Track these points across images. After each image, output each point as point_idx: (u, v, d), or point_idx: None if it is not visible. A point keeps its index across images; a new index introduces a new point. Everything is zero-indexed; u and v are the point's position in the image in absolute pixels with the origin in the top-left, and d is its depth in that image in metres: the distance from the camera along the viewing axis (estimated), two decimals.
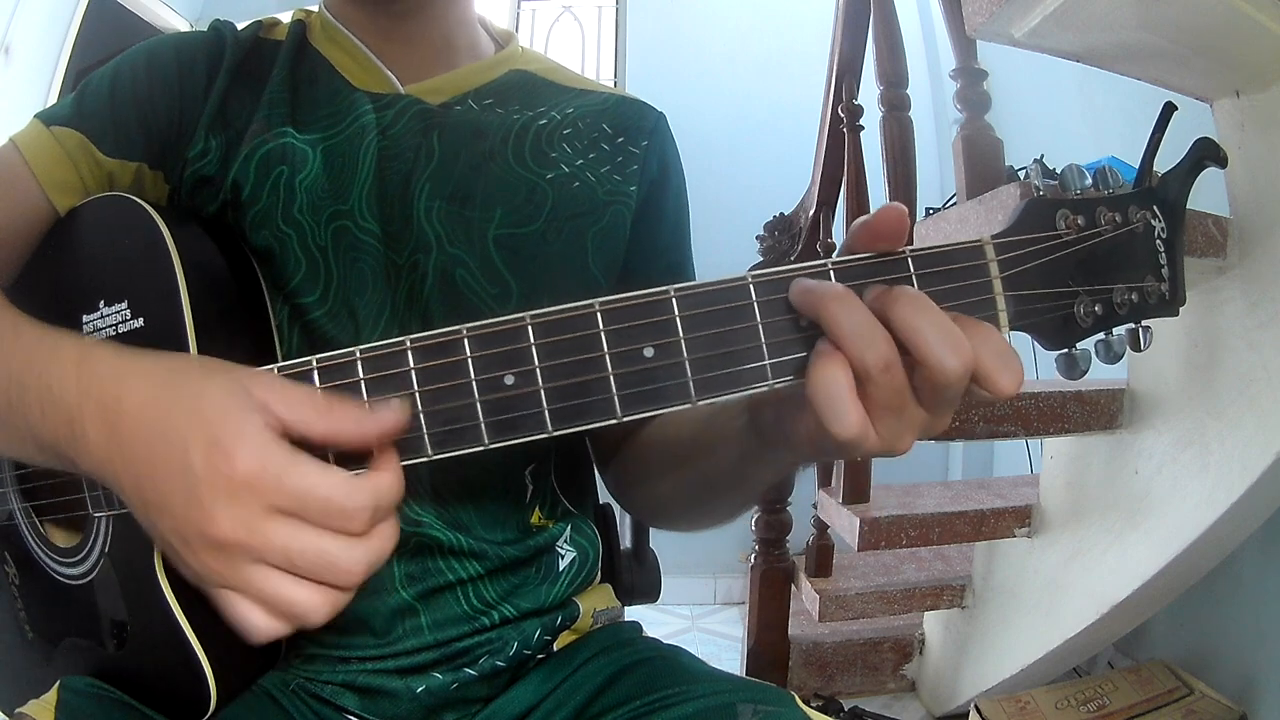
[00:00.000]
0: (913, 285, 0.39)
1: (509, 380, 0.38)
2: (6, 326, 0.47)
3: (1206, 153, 0.41)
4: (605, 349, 0.38)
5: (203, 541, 0.37)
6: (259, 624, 0.37)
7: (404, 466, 0.41)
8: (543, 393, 0.38)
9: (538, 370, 0.38)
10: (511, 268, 0.60)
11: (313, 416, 0.38)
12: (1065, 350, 0.41)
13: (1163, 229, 0.41)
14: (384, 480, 0.38)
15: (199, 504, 0.36)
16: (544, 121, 0.65)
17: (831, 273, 0.39)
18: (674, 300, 0.38)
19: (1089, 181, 0.40)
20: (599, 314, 0.38)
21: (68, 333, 0.45)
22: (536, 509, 0.64)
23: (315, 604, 0.37)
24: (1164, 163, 0.42)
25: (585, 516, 0.68)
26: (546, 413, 0.38)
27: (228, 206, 0.58)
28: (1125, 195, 0.41)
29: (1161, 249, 0.41)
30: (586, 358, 0.38)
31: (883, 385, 0.36)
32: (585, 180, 0.64)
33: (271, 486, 0.36)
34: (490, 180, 0.61)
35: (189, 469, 0.36)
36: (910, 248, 0.39)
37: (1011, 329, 0.40)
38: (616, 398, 0.38)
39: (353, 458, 0.40)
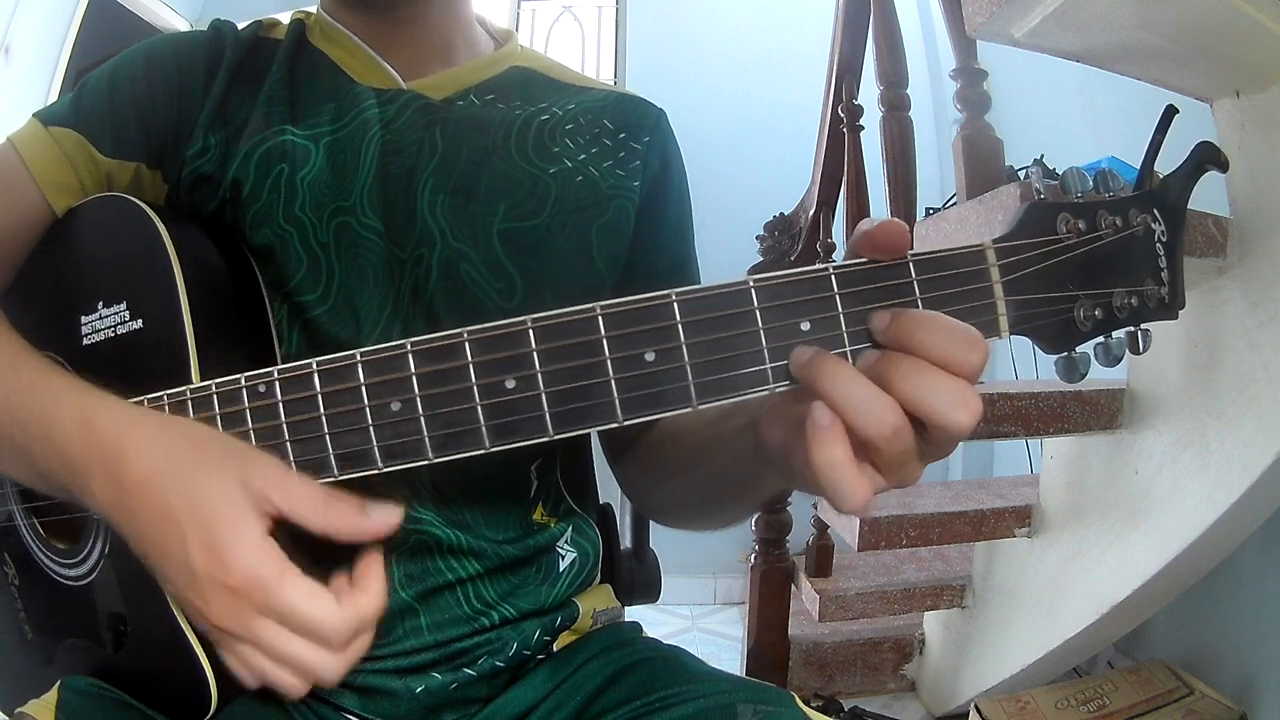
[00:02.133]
0: (914, 289, 0.39)
1: (510, 384, 0.38)
2: (5, 362, 0.48)
3: (1207, 156, 0.41)
4: (607, 353, 0.38)
5: (199, 616, 0.41)
6: (246, 679, 0.42)
7: (404, 468, 0.41)
8: (544, 396, 0.38)
9: (539, 374, 0.38)
10: (516, 262, 0.60)
11: (310, 514, 0.41)
12: (1065, 354, 0.41)
13: (1163, 232, 0.41)
14: (366, 604, 0.42)
15: (197, 592, 0.40)
16: (546, 117, 0.65)
17: (833, 277, 0.39)
18: (675, 304, 0.38)
19: (1090, 185, 0.40)
20: (600, 318, 0.38)
21: (66, 377, 0.47)
22: (540, 506, 0.64)
23: (295, 686, 0.42)
24: (1163, 163, 0.42)
25: (587, 515, 0.68)
26: (548, 416, 0.39)
27: (227, 205, 0.58)
28: (1126, 199, 0.41)
29: (1161, 252, 0.41)
30: (588, 362, 0.38)
31: (891, 450, 0.36)
32: (588, 175, 0.64)
33: (260, 599, 0.39)
34: (493, 175, 0.61)
35: (188, 564, 0.40)
36: (911, 252, 0.39)
37: (1012, 333, 0.40)
38: (618, 401, 0.38)
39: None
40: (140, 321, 0.51)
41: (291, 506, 0.41)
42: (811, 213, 1.81)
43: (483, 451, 0.39)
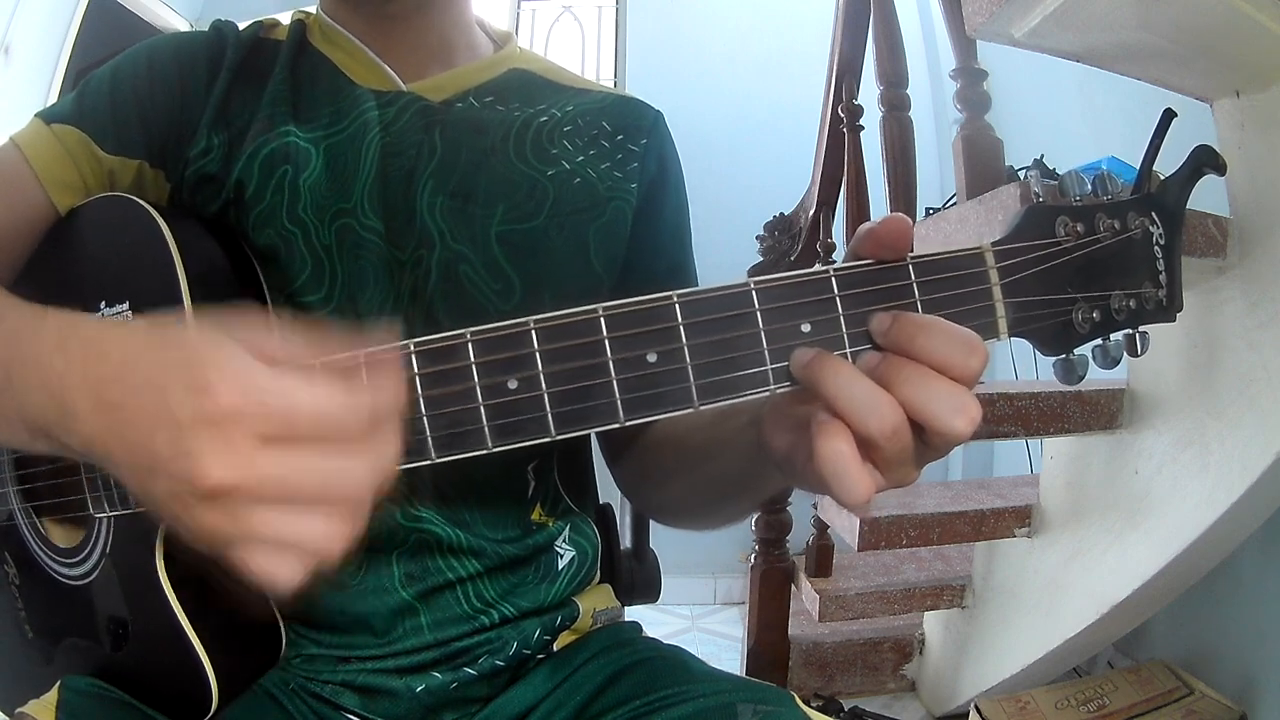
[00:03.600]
0: (914, 292, 0.39)
1: (513, 384, 0.39)
2: None
3: (1205, 159, 0.41)
4: (609, 354, 0.38)
5: (197, 495, 0.33)
6: (279, 571, 0.34)
7: (405, 468, 0.41)
8: (546, 397, 0.38)
9: (541, 375, 0.38)
10: (514, 263, 0.60)
11: (303, 351, 0.37)
12: (1063, 356, 0.41)
13: (1161, 235, 0.41)
14: (381, 387, 0.36)
15: (186, 453, 0.33)
16: (544, 119, 0.65)
17: (834, 279, 0.39)
18: (677, 306, 0.38)
19: (1088, 187, 0.41)
20: (602, 319, 0.38)
21: (54, 310, 0.42)
22: (538, 506, 0.64)
23: (327, 532, 0.34)
24: (1163, 162, 0.42)
25: (585, 515, 0.69)
26: (550, 416, 0.39)
27: (230, 205, 0.59)
28: (1124, 202, 0.41)
29: (1159, 255, 0.41)
30: (590, 363, 0.38)
31: (890, 449, 0.36)
32: (586, 177, 0.64)
33: (256, 413, 0.33)
34: (492, 176, 0.61)
35: (171, 415, 0.33)
36: (911, 255, 0.39)
37: (1010, 335, 0.40)
38: (620, 402, 0.38)
39: None
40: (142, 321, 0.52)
41: (282, 349, 0.36)
42: (811, 213, 1.81)
43: (485, 452, 0.39)
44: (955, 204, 1.54)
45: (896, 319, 0.38)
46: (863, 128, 1.71)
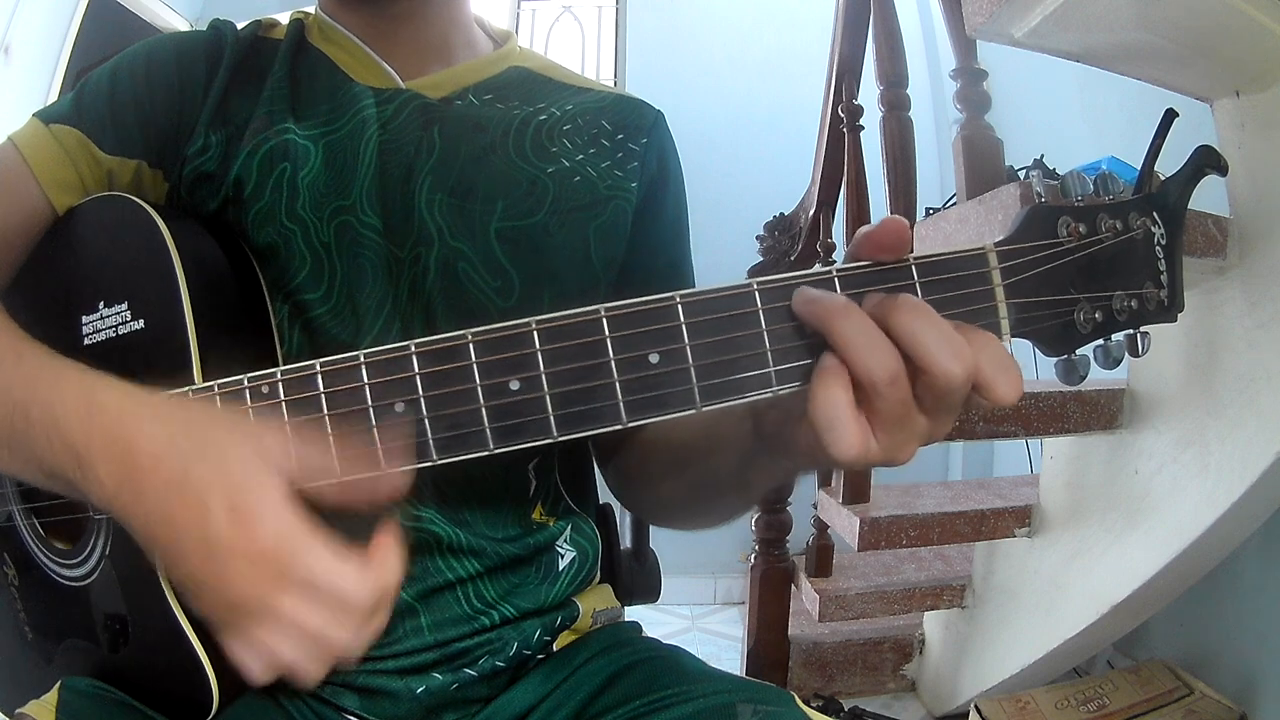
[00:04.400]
0: (916, 293, 0.39)
1: (514, 385, 0.38)
2: (6, 349, 0.47)
3: (1207, 160, 0.41)
4: (611, 355, 0.38)
5: (215, 595, 0.39)
6: (254, 670, 0.40)
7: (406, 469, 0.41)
8: (548, 398, 0.38)
9: (543, 376, 0.38)
10: (513, 260, 0.60)
11: (325, 475, 0.40)
12: (1065, 356, 0.41)
13: (1162, 235, 0.41)
14: (387, 575, 0.41)
15: (216, 563, 0.38)
16: (544, 117, 0.65)
17: (836, 280, 0.39)
18: (679, 307, 0.38)
19: (1090, 188, 0.41)
20: (605, 320, 0.38)
21: (70, 363, 0.45)
22: (539, 505, 0.64)
23: (309, 668, 0.40)
24: (1163, 162, 0.42)
25: (586, 515, 0.68)
26: (552, 418, 0.39)
27: (229, 204, 0.58)
28: (1125, 202, 0.41)
29: (1161, 255, 0.41)
30: (592, 364, 0.38)
31: (889, 397, 0.36)
32: (586, 175, 0.64)
33: (287, 563, 0.38)
34: (491, 174, 0.61)
35: (208, 531, 0.38)
36: (914, 255, 0.39)
37: (1013, 336, 0.40)
38: (622, 404, 0.38)
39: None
40: (142, 321, 0.52)
41: (305, 470, 0.40)
42: (811, 213, 1.81)
43: (487, 453, 0.39)
44: (955, 204, 1.54)
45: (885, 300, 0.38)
46: (863, 128, 1.71)
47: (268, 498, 0.38)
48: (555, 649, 0.63)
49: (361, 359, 0.40)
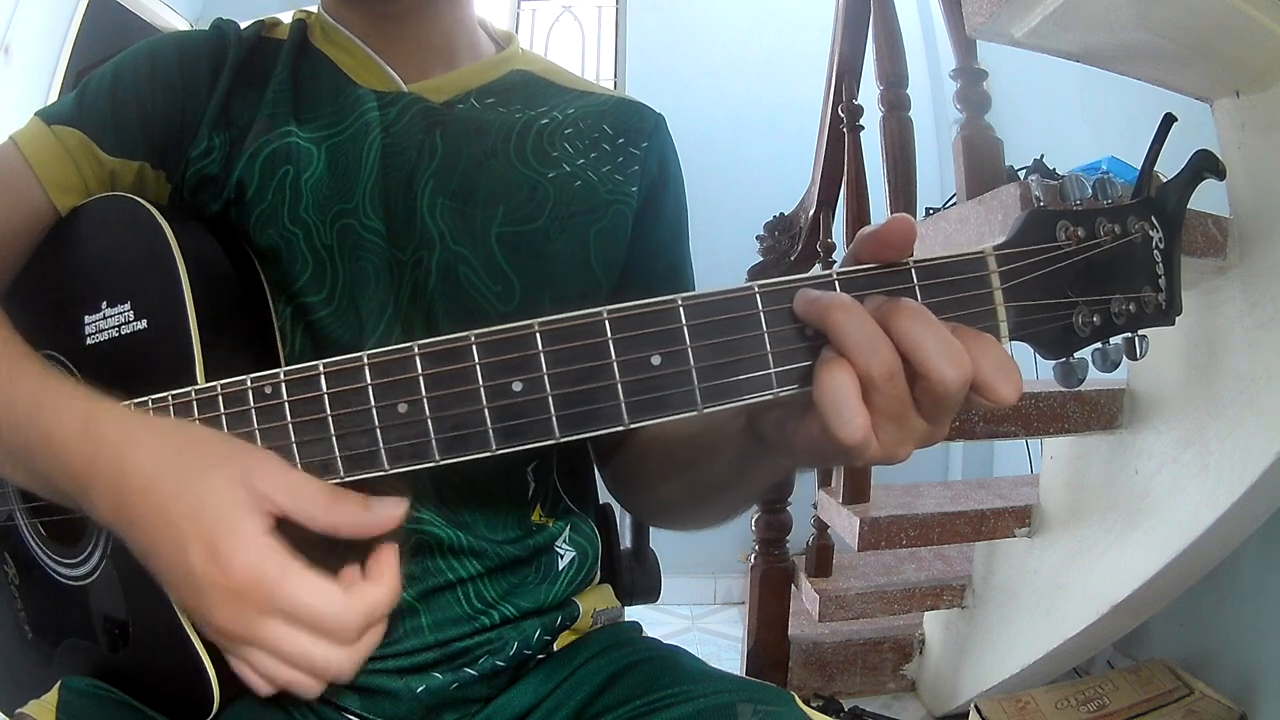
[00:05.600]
0: (916, 295, 0.39)
1: (517, 387, 0.39)
2: (7, 370, 0.48)
3: (1205, 164, 0.41)
4: (613, 357, 0.38)
5: (204, 624, 0.41)
6: (257, 685, 0.41)
7: (407, 470, 0.41)
8: (550, 400, 0.39)
9: (545, 377, 0.38)
10: (514, 265, 0.60)
11: (315, 511, 0.41)
12: (1063, 359, 0.41)
13: (1160, 239, 0.41)
14: (378, 595, 0.42)
15: (200, 598, 0.40)
16: (545, 121, 0.65)
17: (836, 283, 0.39)
18: (681, 309, 0.38)
19: (1089, 191, 0.41)
20: (607, 322, 0.38)
21: (66, 383, 0.47)
22: (537, 506, 0.64)
23: (305, 685, 0.41)
24: (1162, 162, 0.42)
25: (585, 515, 0.68)
26: (554, 419, 0.39)
27: (231, 206, 0.58)
28: (1124, 206, 0.41)
29: (1159, 259, 0.41)
30: (594, 365, 0.38)
31: (886, 393, 0.37)
32: (587, 179, 0.64)
33: (265, 596, 0.39)
34: (493, 178, 0.61)
35: (189, 568, 0.40)
36: (914, 259, 0.39)
37: (1012, 339, 0.40)
38: (624, 405, 0.39)
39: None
40: (144, 322, 0.52)
41: (296, 505, 0.41)
42: (811, 213, 1.81)
43: (489, 454, 0.39)
44: (955, 204, 1.54)
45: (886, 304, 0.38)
46: (863, 128, 1.71)
47: (242, 534, 0.39)
48: (555, 649, 0.64)
49: (365, 360, 0.40)
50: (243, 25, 0.65)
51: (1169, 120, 0.42)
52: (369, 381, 0.40)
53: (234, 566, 0.39)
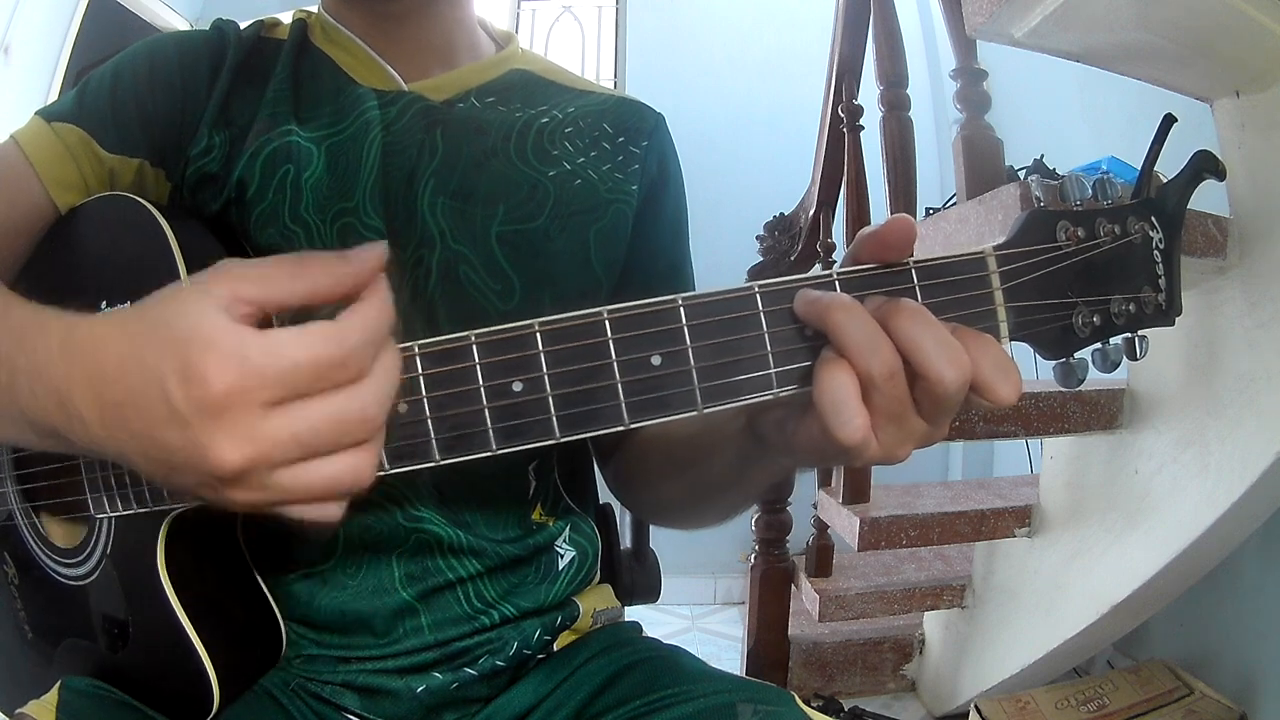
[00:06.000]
0: (916, 296, 0.39)
1: (517, 387, 0.39)
2: None
3: (1205, 165, 0.41)
4: (613, 357, 0.38)
5: (222, 480, 0.34)
6: (320, 514, 0.36)
7: (407, 470, 0.41)
8: (551, 399, 0.39)
9: (546, 377, 0.38)
10: (514, 264, 0.60)
11: (287, 284, 0.36)
12: (1063, 359, 0.41)
13: (1160, 240, 0.41)
14: (368, 311, 0.36)
15: (196, 443, 0.33)
16: (545, 120, 0.66)
17: (837, 283, 0.39)
18: (682, 309, 0.39)
19: (1089, 192, 0.41)
20: (607, 322, 0.38)
21: (57, 311, 0.42)
22: (538, 506, 0.64)
23: (356, 465, 0.35)
24: (1161, 164, 0.42)
25: (586, 514, 0.69)
26: (554, 419, 0.39)
27: (231, 204, 0.59)
28: (1124, 206, 0.41)
29: (1159, 259, 0.41)
30: (594, 365, 0.38)
31: (886, 393, 0.37)
32: (587, 178, 0.64)
33: (254, 384, 0.33)
34: (493, 177, 0.61)
35: (173, 410, 0.33)
36: (914, 259, 0.39)
37: (1011, 339, 0.40)
38: (624, 405, 0.39)
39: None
40: None
41: (264, 288, 0.35)
42: (811, 213, 1.81)
43: (490, 454, 0.39)
44: (955, 204, 1.54)
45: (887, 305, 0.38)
46: (863, 128, 1.71)
47: (208, 337, 0.33)
48: (555, 649, 0.64)
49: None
50: (242, 25, 0.65)
51: (1169, 120, 0.42)
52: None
53: (210, 371, 0.33)
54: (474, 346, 0.39)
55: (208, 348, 0.33)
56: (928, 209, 1.71)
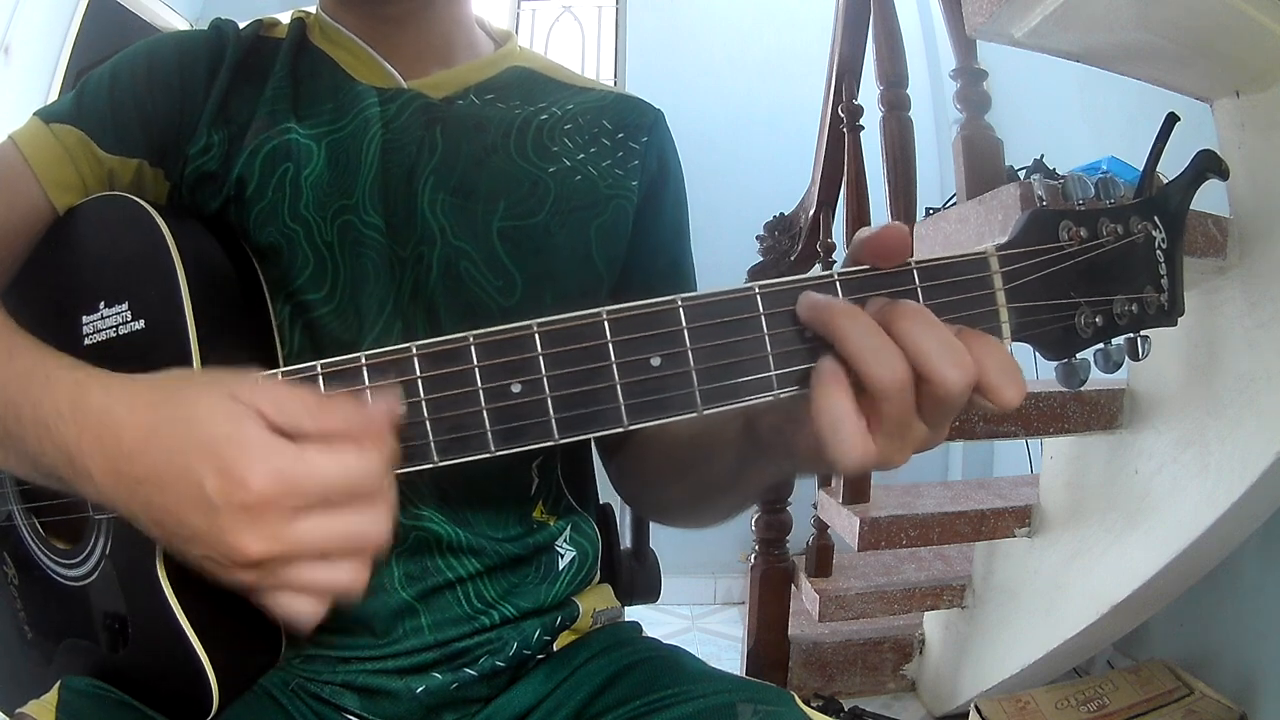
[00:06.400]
0: (918, 297, 0.39)
1: (516, 388, 0.38)
2: (1, 347, 0.46)
3: (1208, 165, 0.41)
4: (612, 358, 0.38)
5: (236, 564, 0.37)
6: (305, 611, 0.38)
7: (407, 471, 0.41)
8: (549, 401, 0.38)
9: (544, 379, 0.38)
10: (515, 260, 0.60)
11: (304, 418, 0.38)
12: (1065, 360, 0.41)
13: (1163, 240, 0.41)
14: (388, 442, 0.39)
15: (224, 531, 0.36)
16: (545, 116, 0.66)
17: (838, 284, 0.39)
18: (681, 310, 0.38)
19: (1091, 192, 0.41)
20: (606, 323, 0.38)
21: (62, 359, 0.45)
22: (540, 504, 0.64)
23: (353, 576, 0.38)
24: (1161, 164, 0.42)
25: (586, 514, 0.69)
26: (553, 421, 0.39)
27: (230, 203, 0.58)
28: (1127, 206, 0.41)
29: (1161, 259, 0.41)
30: (593, 367, 0.38)
31: (895, 403, 0.36)
32: (587, 174, 0.64)
33: (291, 494, 0.36)
34: (493, 173, 0.61)
35: (207, 501, 0.36)
36: (915, 260, 0.39)
37: (1014, 340, 0.40)
38: (623, 407, 0.38)
39: None
40: (142, 322, 0.51)
41: (282, 415, 0.38)
42: (811, 213, 1.81)
43: (488, 456, 0.39)
44: (955, 204, 1.54)
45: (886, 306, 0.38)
46: (863, 128, 1.71)
47: (247, 445, 0.36)
48: (555, 649, 0.64)
49: (363, 361, 0.40)
50: (241, 25, 0.65)
51: (1172, 120, 0.42)
52: (366, 383, 0.40)
53: (251, 478, 0.36)
54: (472, 348, 0.39)
55: (245, 453, 0.36)
56: (928, 209, 1.71)
